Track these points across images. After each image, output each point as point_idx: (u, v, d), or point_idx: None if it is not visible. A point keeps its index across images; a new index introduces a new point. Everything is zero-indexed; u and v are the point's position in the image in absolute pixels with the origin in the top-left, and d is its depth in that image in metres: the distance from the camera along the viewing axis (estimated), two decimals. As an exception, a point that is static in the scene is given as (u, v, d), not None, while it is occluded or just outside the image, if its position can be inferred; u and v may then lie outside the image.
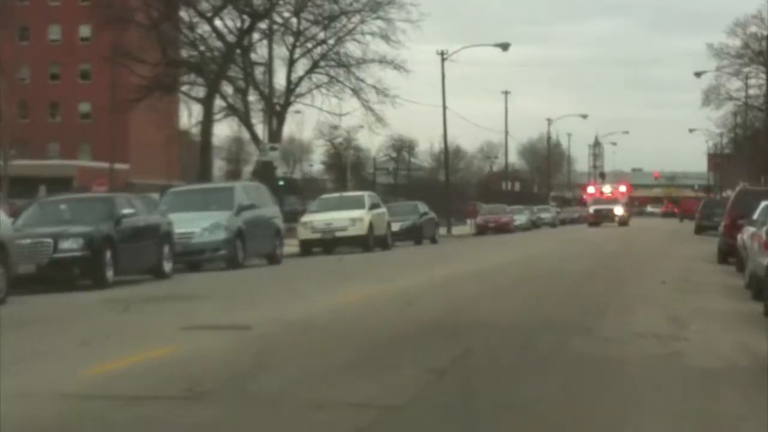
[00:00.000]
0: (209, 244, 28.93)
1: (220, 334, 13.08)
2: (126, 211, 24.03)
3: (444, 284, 20.94)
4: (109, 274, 22.76)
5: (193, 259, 28.97)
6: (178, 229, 27.56)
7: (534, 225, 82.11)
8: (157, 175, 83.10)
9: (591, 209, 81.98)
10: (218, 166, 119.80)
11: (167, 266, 25.62)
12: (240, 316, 14.87)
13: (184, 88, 61.28)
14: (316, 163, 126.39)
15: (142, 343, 12.22)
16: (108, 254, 22.75)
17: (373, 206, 41.90)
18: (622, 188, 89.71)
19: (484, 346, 12.07)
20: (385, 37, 59.45)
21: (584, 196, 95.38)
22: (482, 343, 12.33)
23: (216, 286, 22.58)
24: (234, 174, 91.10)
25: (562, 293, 18.42)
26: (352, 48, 60.78)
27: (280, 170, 54.77)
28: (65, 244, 22.24)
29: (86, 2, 63.93)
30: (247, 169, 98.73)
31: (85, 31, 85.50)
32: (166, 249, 25.68)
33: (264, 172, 55.87)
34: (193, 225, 28.86)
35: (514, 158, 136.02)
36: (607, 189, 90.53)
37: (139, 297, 19.26)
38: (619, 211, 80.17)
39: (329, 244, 39.85)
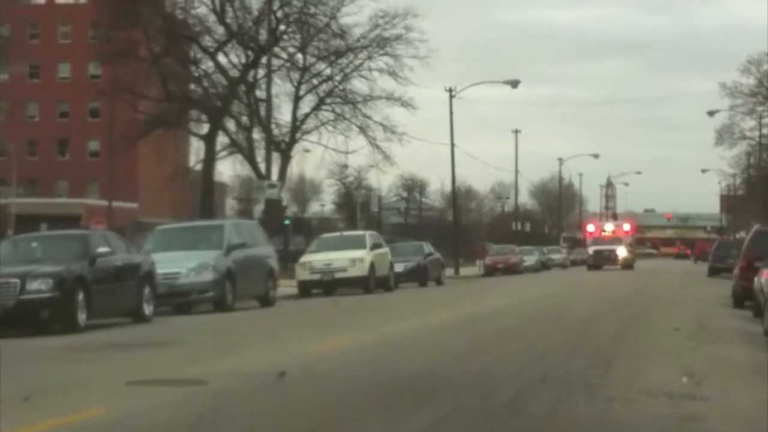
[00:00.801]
0: (196, 286, 27.34)
1: (167, 390, 11.49)
2: (101, 249, 22.45)
3: (438, 330, 19.29)
4: (82, 317, 21.16)
5: (179, 301, 27.42)
6: (164, 269, 26.05)
7: (544, 266, 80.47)
8: (165, 213, 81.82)
9: (590, 250, 74.68)
10: (229, 205, 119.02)
11: (147, 309, 24.02)
12: (201, 368, 13.28)
13: (190, 124, 60.11)
14: (327, 203, 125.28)
15: (71, 402, 10.66)
16: (80, 296, 21.15)
17: (375, 246, 40.33)
18: (626, 226, 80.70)
19: (469, 406, 10.42)
20: (393, 74, 58.37)
21: (584, 236, 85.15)
22: (467, 401, 10.67)
23: (193, 332, 21.00)
24: (245, 213, 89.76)
25: (564, 341, 16.74)
26: (358, 85, 59.67)
27: (287, 209, 53.49)
28: (33, 285, 20.63)
29: (96, 40, 62.89)
30: (259, 207, 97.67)
31: (94, 68, 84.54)
32: (147, 290, 24.08)
33: (271, 211, 54.53)
34: (180, 265, 27.31)
35: (525, 198, 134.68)
36: (608, 227, 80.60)
37: (104, 343, 17.73)
38: (622, 252, 72.97)
39: (329, 285, 38.25)
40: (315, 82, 59.93)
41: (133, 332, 20.83)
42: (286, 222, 64.46)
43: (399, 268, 43.69)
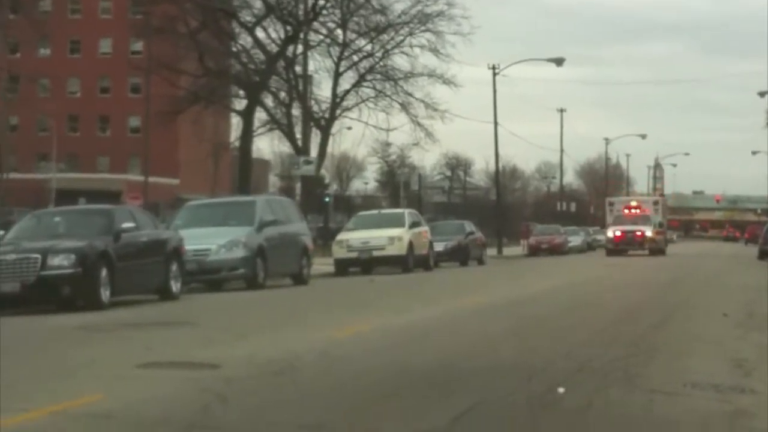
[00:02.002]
0: (226, 263, 26.64)
1: (176, 375, 10.76)
2: (126, 225, 21.78)
3: (471, 314, 18.44)
4: (105, 294, 20.51)
5: (209, 278, 26.76)
6: (193, 246, 25.41)
7: (589, 247, 79.44)
8: (206, 189, 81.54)
9: (610, 231, 60.84)
10: (272, 182, 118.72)
11: (175, 286, 23.35)
12: (216, 351, 12.55)
13: (228, 100, 59.56)
14: (370, 181, 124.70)
15: (73, 387, 9.97)
16: (104, 272, 20.49)
17: (414, 224, 39.51)
18: (655, 201, 69.69)
19: (498, 399, 9.57)
20: (435, 51, 57.52)
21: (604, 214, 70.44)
22: (497, 393, 9.83)
23: (218, 311, 20.30)
24: (287, 190, 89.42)
25: (605, 329, 15.83)
26: (399, 61, 58.92)
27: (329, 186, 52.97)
28: (55, 261, 19.99)
29: (138, 16, 62.47)
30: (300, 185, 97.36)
31: (135, 44, 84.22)
32: (174, 267, 23.39)
33: (311, 188, 53.95)
34: (210, 241, 26.64)
35: (571, 178, 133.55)
36: (634, 203, 67.76)
37: (123, 322, 17.07)
38: (649, 233, 59.16)
39: (366, 263, 37.51)
40: (355, 58, 59.28)
41: (157, 310, 20.17)
42: (327, 199, 63.93)
43: (439, 247, 42.95)
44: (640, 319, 17.52)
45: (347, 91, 59.24)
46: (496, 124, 69.06)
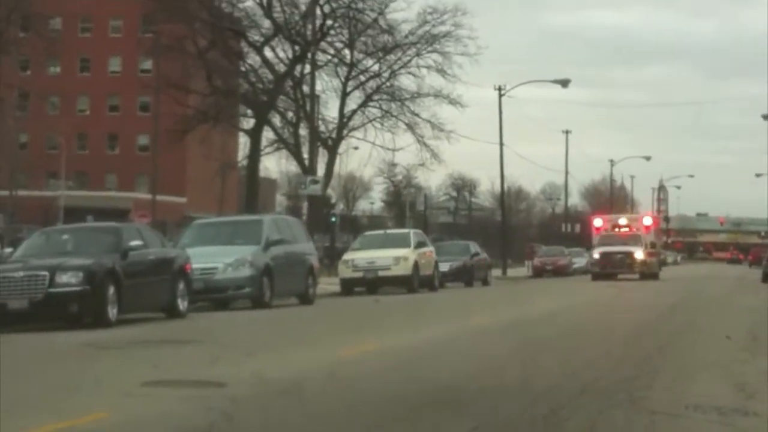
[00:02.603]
0: (233, 281, 26.73)
1: (182, 393, 10.82)
2: (134, 243, 21.88)
3: (475, 336, 18.49)
4: (113, 312, 20.59)
5: (215, 296, 26.84)
6: (200, 264, 25.50)
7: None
8: (213, 208, 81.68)
9: (596, 252, 53.17)
10: (278, 201, 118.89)
11: (182, 304, 23.44)
12: (222, 370, 12.62)
13: (236, 119, 59.72)
14: (376, 201, 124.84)
15: (78, 405, 10.04)
16: (111, 290, 20.58)
17: (420, 245, 39.60)
18: (647, 220, 58.81)
19: (503, 420, 9.65)
20: (441, 71, 57.69)
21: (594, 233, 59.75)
22: (501, 415, 9.90)
23: (224, 330, 20.39)
24: (294, 210, 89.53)
25: (608, 350, 15.88)
26: (406, 81, 59.09)
27: (336, 206, 53.06)
28: (63, 278, 20.09)
29: (147, 35, 62.75)
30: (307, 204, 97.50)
31: (144, 63, 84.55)
32: (181, 285, 23.49)
33: (318, 207, 54.06)
34: (216, 260, 26.72)
35: (576, 200, 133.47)
36: (622, 221, 58.09)
37: (130, 340, 17.16)
38: (639, 255, 51.72)
39: (372, 283, 37.58)
40: (362, 78, 59.43)
41: (164, 328, 20.26)
42: (333, 219, 64.06)
43: (444, 267, 43.04)
44: (644, 340, 17.57)
45: (354, 111, 59.47)
46: (501, 145, 69.23)
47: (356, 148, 66.42)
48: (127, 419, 9.24)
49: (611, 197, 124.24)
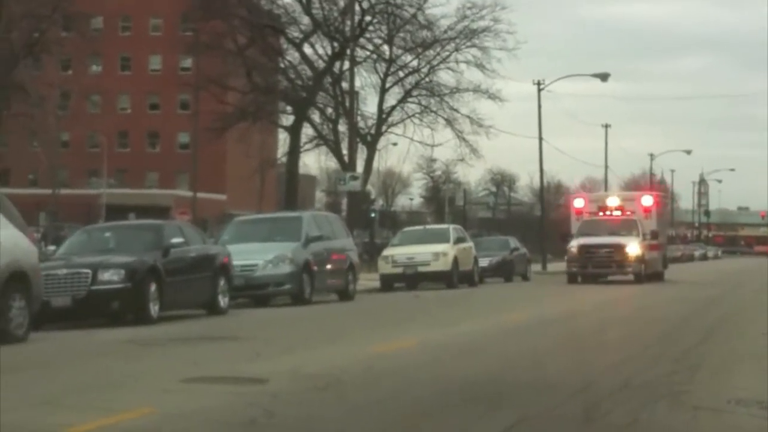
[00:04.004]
0: (273, 278, 26.81)
1: (222, 389, 10.88)
2: (175, 240, 22.02)
3: (516, 330, 18.49)
4: (154, 309, 20.73)
5: (255, 293, 26.95)
6: (240, 261, 25.59)
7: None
8: (253, 205, 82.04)
9: (573, 244, 39.60)
10: (318, 197, 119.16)
11: (222, 301, 23.56)
12: (262, 366, 12.71)
13: (275, 116, 59.91)
14: (415, 197, 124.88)
15: (122, 401, 10.11)
16: (152, 287, 20.73)
17: (459, 240, 39.56)
18: (647, 199, 43.41)
19: (543, 414, 9.66)
20: (480, 66, 57.61)
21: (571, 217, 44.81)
22: (541, 409, 9.91)
23: (264, 326, 20.46)
24: (333, 206, 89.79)
25: (647, 345, 15.84)
26: (445, 77, 59.05)
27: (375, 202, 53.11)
28: (105, 276, 20.25)
29: (187, 33, 63.05)
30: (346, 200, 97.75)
31: (184, 61, 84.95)
32: (222, 282, 23.61)
33: (357, 203, 54.17)
34: (257, 257, 26.80)
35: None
36: (612, 202, 42.92)
37: (171, 337, 17.26)
38: (634, 247, 38.88)
39: (411, 279, 37.59)
40: (401, 74, 59.45)
41: (205, 325, 20.38)
42: (372, 215, 64.16)
43: (484, 262, 43.00)
44: (683, 334, 17.51)
45: (393, 107, 59.51)
46: (540, 139, 69.02)
47: (395, 144, 66.57)
48: (168, 415, 9.30)
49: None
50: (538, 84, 68.12)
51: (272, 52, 57.13)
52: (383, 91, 58.77)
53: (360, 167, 54.63)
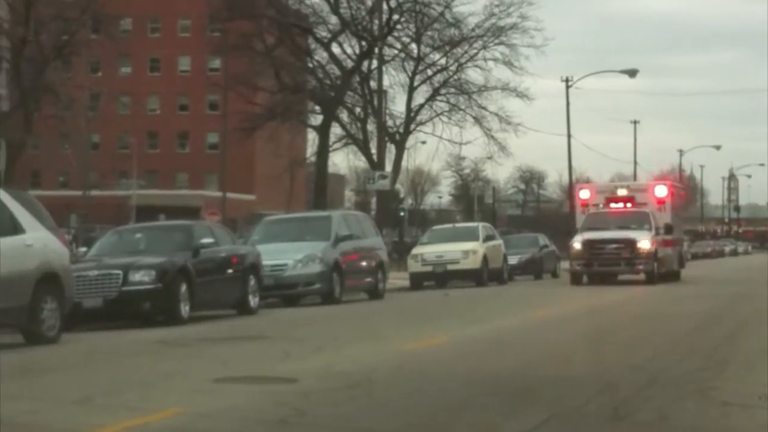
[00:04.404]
0: (302, 278, 26.90)
1: (253, 389, 10.96)
2: (205, 240, 22.14)
3: (543, 327, 18.51)
4: (185, 309, 20.84)
5: (285, 293, 27.05)
6: (270, 261, 25.70)
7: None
8: (282, 205, 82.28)
9: (577, 240, 36.01)
10: (347, 196, 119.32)
11: (253, 301, 23.66)
12: (293, 365, 12.78)
13: (304, 116, 59.99)
14: (444, 195, 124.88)
15: (152, 401, 10.20)
16: (183, 287, 20.84)
17: (488, 238, 39.57)
18: (660, 189, 38.96)
19: (572, 411, 9.68)
20: (508, 63, 57.52)
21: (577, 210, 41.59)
22: (570, 405, 9.93)
23: (294, 325, 20.53)
24: (362, 205, 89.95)
25: (674, 341, 15.82)
26: (473, 75, 58.97)
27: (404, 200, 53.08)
28: (135, 277, 20.37)
29: (215, 34, 63.25)
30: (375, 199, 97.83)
31: (213, 62, 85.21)
32: (252, 282, 23.71)
33: (386, 202, 54.21)
34: (286, 256, 26.90)
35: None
36: (621, 190, 39.31)
37: (202, 337, 17.36)
38: (645, 243, 34.98)
39: (441, 277, 37.63)
40: (429, 72, 59.43)
41: (235, 325, 20.48)
42: (401, 213, 64.18)
43: (513, 260, 43.01)
44: (711, 330, 17.47)
45: (421, 106, 59.47)
46: (569, 136, 68.93)
47: (424, 142, 66.58)
48: (199, 415, 9.37)
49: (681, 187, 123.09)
50: (567, 81, 68.06)
51: (300, 52, 57.22)
52: (411, 90, 58.76)
53: (389, 166, 54.67)
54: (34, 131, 51.01)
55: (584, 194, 40.06)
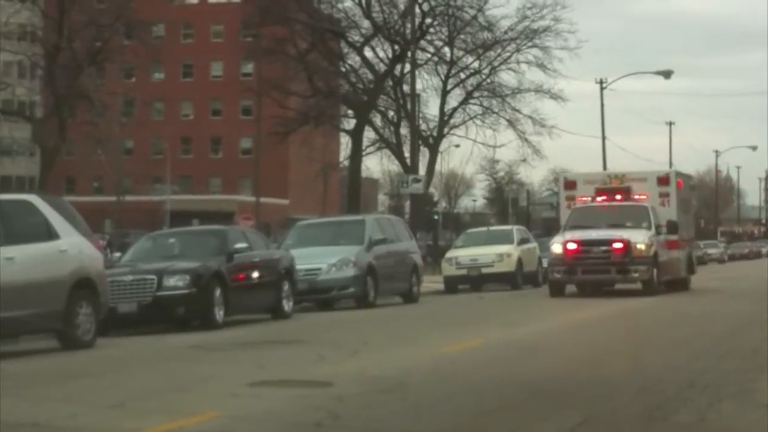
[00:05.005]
0: (337, 282, 26.85)
1: (288, 393, 10.95)
2: (239, 245, 22.16)
3: (577, 330, 18.41)
4: (219, 314, 20.84)
5: (320, 297, 27.00)
6: (304, 265, 25.66)
7: (700, 261, 78.39)
8: (315, 209, 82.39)
9: (557, 242, 29.91)
10: (381, 200, 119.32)
11: (287, 305, 23.64)
12: (328, 369, 12.76)
13: (336, 120, 60.01)
14: (478, 198, 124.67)
15: (187, 405, 10.21)
16: (217, 292, 20.85)
17: (522, 241, 39.43)
18: (665, 180, 32.15)
19: (609, 413, 9.62)
20: (542, 66, 57.29)
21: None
22: (607, 408, 9.87)
23: (329, 329, 20.52)
24: (396, 209, 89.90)
25: (714, 343, 15.70)
26: (506, 77, 58.78)
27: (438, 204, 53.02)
28: (170, 281, 20.39)
29: (249, 39, 63.41)
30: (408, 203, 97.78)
31: (246, 67, 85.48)
32: (286, 286, 23.70)
33: (420, 206, 54.15)
34: (320, 261, 26.85)
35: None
36: (617, 182, 31.91)
37: (236, 341, 17.39)
38: (640, 243, 28.83)
39: (475, 280, 37.50)
40: (462, 75, 59.29)
41: (269, 329, 20.47)
42: (435, 217, 64.08)
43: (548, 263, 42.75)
44: (751, 331, 17.30)
45: (455, 109, 59.36)
46: (603, 138, 68.68)
47: (457, 145, 66.37)
48: (235, 419, 9.38)
49: (717, 189, 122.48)
50: (601, 83, 67.84)
51: (333, 56, 57.22)
52: (444, 93, 58.66)
53: (422, 169, 54.56)
54: (69, 137, 51.23)
55: (570, 185, 32.48)
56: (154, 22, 60.19)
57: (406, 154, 54.48)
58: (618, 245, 28.50)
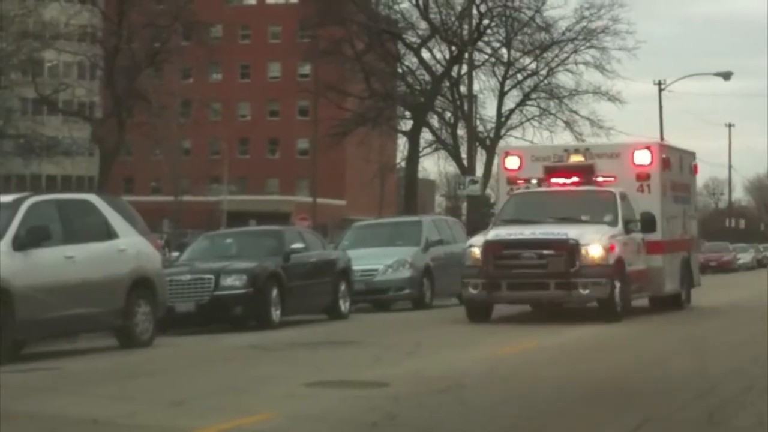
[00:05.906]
0: (393, 283, 26.86)
1: (344, 394, 10.97)
2: (296, 245, 22.25)
3: (638, 330, 18.26)
4: (276, 314, 20.93)
5: (376, 298, 27.01)
6: (360, 266, 25.69)
7: (759, 264, 77.76)
8: (372, 210, 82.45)
9: (474, 245, 20.55)
10: (437, 202, 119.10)
11: (344, 306, 23.68)
12: (384, 369, 12.78)
13: (394, 121, 60.03)
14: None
15: (245, 405, 10.27)
16: (274, 292, 20.94)
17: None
18: (642, 155, 22.18)
19: (668, 416, 9.56)
20: (599, 67, 56.84)
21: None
22: (666, 411, 9.80)
23: (385, 330, 20.52)
24: (453, 210, 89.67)
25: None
26: (564, 79, 58.34)
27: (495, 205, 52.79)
28: (227, 281, 20.51)
29: (306, 40, 63.62)
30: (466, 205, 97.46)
31: (303, 68, 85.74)
32: (343, 287, 23.74)
33: (477, 207, 54.05)
34: (377, 262, 26.87)
35: (740, 195, 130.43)
36: (573, 154, 22.49)
37: (293, 342, 17.46)
38: (595, 248, 19.55)
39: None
40: (520, 77, 58.97)
41: (326, 330, 20.52)
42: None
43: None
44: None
45: (512, 110, 59.05)
46: (662, 140, 68.10)
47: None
48: (292, 419, 9.42)
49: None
50: (659, 84, 67.33)
51: (390, 58, 57.20)
52: (502, 95, 58.41)
53: (479, 171, 54.41)
54: (127, 138, 51.69)
55: (511, 163, 23.19)
56: (211, 23, 60.48)
57: (463, 156, 54.32)
58: (559, 248, 19.65)
